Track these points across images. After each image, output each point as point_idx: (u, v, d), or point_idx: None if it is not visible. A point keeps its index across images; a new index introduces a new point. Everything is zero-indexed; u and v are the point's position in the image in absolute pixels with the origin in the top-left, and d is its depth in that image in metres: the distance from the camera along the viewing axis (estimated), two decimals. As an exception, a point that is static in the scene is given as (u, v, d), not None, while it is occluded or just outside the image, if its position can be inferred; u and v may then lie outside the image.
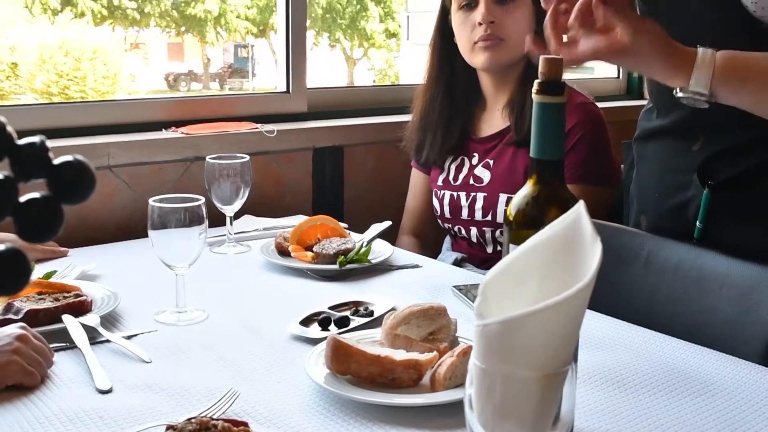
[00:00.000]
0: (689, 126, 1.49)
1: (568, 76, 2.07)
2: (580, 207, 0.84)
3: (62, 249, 1.94)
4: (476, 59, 2.10)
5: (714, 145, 1.47)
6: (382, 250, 1.93)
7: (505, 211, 1.09)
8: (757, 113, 1.30)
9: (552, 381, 0.79)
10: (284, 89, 2.59)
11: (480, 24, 2.05)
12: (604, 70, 3.47)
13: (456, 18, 2.12)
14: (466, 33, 2.09)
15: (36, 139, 0.60)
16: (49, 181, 0.60)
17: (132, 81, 19.11)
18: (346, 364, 1.22)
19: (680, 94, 1.28)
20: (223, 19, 25.58)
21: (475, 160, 2.16)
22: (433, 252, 2.22)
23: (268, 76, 26.91)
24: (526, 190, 1.07)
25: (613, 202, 2.00)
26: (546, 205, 1.05)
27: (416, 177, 2.35)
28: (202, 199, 1.52)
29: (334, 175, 2.52)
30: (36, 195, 0.59)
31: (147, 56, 26.42)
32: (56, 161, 0.61)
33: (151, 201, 1.50)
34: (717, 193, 1.47)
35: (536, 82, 1.03)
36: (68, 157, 0.61)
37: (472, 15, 2.08)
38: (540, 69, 1.04)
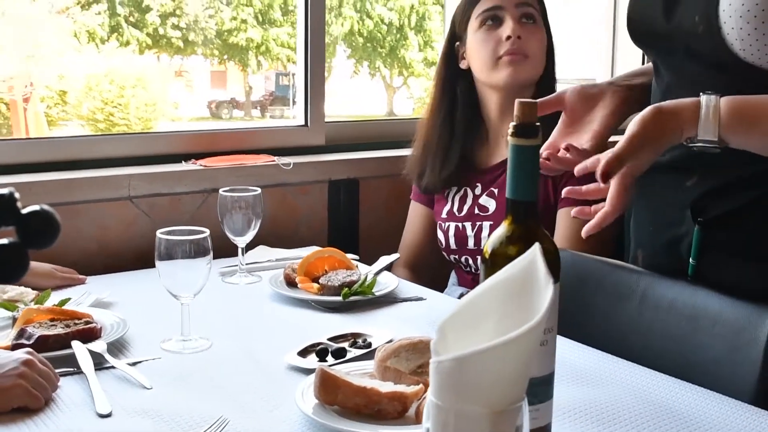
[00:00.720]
0: (685, 161, 1.52)
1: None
2: (535, 249, 0.88)
3: (80, 277, 2.01)
4: (499, 74, 2.13)
5: (708, 181, 1.50)
6: (387, 282, 1.97)
7: (482, 249, 1.13)
8: None
9: (503, 418, 0.83)
10: (302, 122, 2.65)
11: (508, 38, 2.10)
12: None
13: (476, 37, 2.15)
14: (490, 47, 2.12)
15: (5, 191, 0.65)
16: (17, 229, 0.66)
17: (175, 108, 19.40)
18: (333, 394, 1.26)
19: (691, 144, 1.32)
20: (265, 47, 25.89)
21: (478, 190, 2.20)
22: (431, 287, 2.25)
23: (308, 103, 26.89)
24: (502, 230, 1.11)
25: (620, 227, 2.02)
26: (520, 245, 1.09)
27: (415, 210, 2.39)
28: (207, 232, 1.57)
29: (349, 207, 2.58)
30: (4, 241, 0.64)
31: (190, 84, 26.76)
32: (24, 211, 0.66)
33: (158, 233, 1.56)
34: (708, 230, 1.50)
35: (511, 124, 1.07)
36: (35, 207, 0.66)
37: (497, 31, 2.12)
38: (515, 112, 1.08)
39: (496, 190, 2.17)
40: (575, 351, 1.59)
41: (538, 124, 1.08)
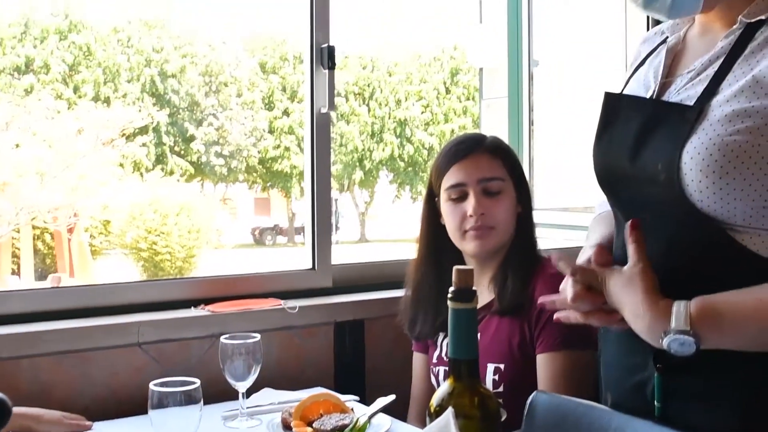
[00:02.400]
0: None
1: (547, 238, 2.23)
2: (449, 414, 0.98)
3: (87, 423, 2.11)
4: (467, 246, 2.23)
5: None
6: (381, 424, 2.04)
7: (429, 404, 1.22)
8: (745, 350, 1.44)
9: None
10: (310, 266, 2.76)
11: (471, 215, 2.20)
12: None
13: (446, 207, 2.25)
14: (457, 222, 2.22)
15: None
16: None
17: (218, 236, 19.73)
18: None
19: (665, 340, 1.42)
20: (307, 174, 26.03)
21: None
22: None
23: (351, 228, 27.21)
24: (445, 386, 1.21)
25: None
26: (461, 400, 1.18)
27: (417, 361, 2.46)
28: (198, 383, 1.67)
29: (354, 348, 2.66)
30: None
31: (234, 211, 27.18)
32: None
33: (151, 385, 1.66)
34: (670, 375, 1.57)
35: (450, 290, 1.19)
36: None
37: (462, 205, 2.22)
38: (453, 278, 1.19)
39: (479, 334, 2.24)
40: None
41: (474, 289, 1.19)
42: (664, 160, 1.52)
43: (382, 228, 26.87)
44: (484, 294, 2.24)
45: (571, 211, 5.02)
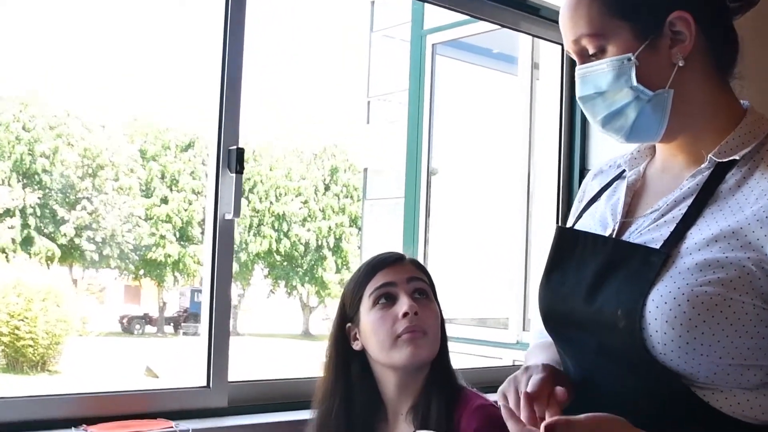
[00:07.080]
0: None
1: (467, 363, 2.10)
2: None
3: None
4: (398, 354, 2.04)
5: None
6: None
7: None
8: None
9: None
10: (204, 384, 2.55)
11: (405, 315, 2.02)
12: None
13: (371, 317, 2.07)
14: (387, 327, 2.04)
15: None
16: None
17: (83, 323, 19.14)
18: None
19: None
20: (181, 263, 25.90)
21: None
22: None
23: (222, 321, 26.87)
24: None
25: None
26: None
27: None
28: None
29: (251, 476, 2.46)
30: None
31: (102, 299, 26.53)
32: None
33: None
34: None
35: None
36: None
37: (392, 309, 2.05)
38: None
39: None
40: None
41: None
42: (625, 307, 1.40)
43: (255, 322, 26.58)
44: (402, 428, 2.06)
45: (457, 323, 4.97)
